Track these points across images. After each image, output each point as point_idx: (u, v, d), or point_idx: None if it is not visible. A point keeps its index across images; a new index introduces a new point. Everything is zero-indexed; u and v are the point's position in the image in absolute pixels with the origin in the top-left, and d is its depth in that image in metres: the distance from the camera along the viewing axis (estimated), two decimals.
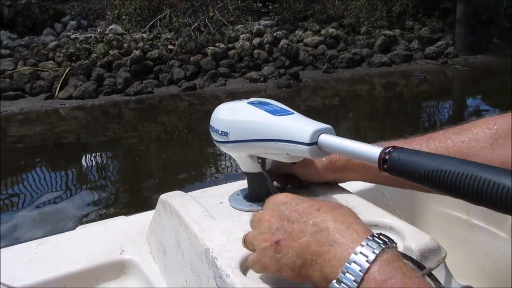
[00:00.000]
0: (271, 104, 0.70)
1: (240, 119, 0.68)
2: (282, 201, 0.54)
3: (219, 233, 0.64)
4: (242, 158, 0.72)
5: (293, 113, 0.65)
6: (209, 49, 9.31)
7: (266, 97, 7.90)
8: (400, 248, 0.63)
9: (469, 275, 1.02)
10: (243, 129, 0.67)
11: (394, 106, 7.39)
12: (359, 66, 9.84)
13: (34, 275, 0.82)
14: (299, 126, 0.61)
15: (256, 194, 0.75)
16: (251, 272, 0.57)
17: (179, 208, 0.73)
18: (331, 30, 10.18)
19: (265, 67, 9.29)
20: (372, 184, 0.93)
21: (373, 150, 0.50)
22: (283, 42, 9.60)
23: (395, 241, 0.66)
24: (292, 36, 10.12)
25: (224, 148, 0.73)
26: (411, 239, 0.63)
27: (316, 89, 8.53)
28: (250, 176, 0.75)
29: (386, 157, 0.48)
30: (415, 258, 0.61)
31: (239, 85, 8.82)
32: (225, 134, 0.69)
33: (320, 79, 9.09)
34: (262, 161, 0.70)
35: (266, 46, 9.58)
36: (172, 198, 0.78)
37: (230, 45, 9.63)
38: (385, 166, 0.48)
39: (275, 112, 0.65)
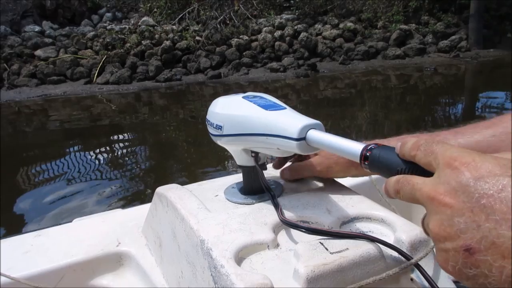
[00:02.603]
0: (265, 99, 0.67)
1: (233, 113, 0.65)
2: (477, 172, 0.32)
3: (214, 225, 0.62)
4: (237, 152, 0.70)
5: (285, 108, 0.63)
6: (234, 41, 9.28)
7: (285, 86, 7.93)
8: (391, 239, 0.60)
9: None
10: (236, 123, 0.64)
11: (404, 96, 7.23)
12: (374, 58, 9.64)
13: (31, 267, 0.78)
14: (288, 121, 0.58)
15: (251, 187, 0.72)
16: (245, 263, 0.55)
17: (175, 201, 0.71)
18: (349, 24, 9.98)
19: (285, 58, 9.19)
20: (367, 179, 0.89)
21: (356, 147, 0.48)
22: (303, 35, 9.47)
23: (385, 233, 0.63)
24: (312, 29, 9.97)
25: (219, 142, 0.70)
26: (402, 231, 0.60)
27: (331, 79, 8.42)
28: (244, 170, 0.72)
29: (367, 154, 0.47)
30: (406, 249, 0.58)
31: (261, 74, 8.76)
32: (219, 127, 0.66)
33: (336, 70, 8.95)
34: (255, 155, 0.67)
35: (287, 38, 9.48)
36: (169, 191, 0.75)
37: (253, 37, 9.57)
38: (365, 163, 0.47)
39: (267, 106, 0.63)
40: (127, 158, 4.63)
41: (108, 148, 5.03)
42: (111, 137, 5.46)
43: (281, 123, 0.58)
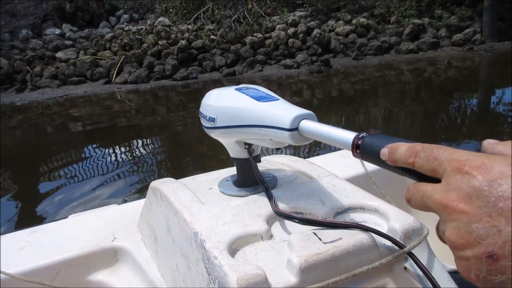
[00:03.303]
0: (257, 90, 0.65)
1: (226, 105, 0.64)
2: (489, 175, 0.31)
3: (208, 217, 0.61)
4: (230, 144, 0.69)
5: (277, 99, 0.61)
6: (248, 39, 9.24)
7: (298, 82, 7.86)
8: (385, 229, 0.59)
9: None
10: (229, 115, 0.63)
11: (418, 90, 7.10)
12: (387, 53, 9.49)
13: (26, 263, 0.77)
14: (281, 112, 0.57)
15: (245, 180, 0.71)
16: (239, 254, 0.55)
17: (169, 194, 0.70)
18: (362, 19, 9.85)
19: (299, 55, 9.12)
20: (363, 172, 0.88)
21: (348, 136, 0.47)
22: (316, 31, 9.38)
23: (379, 222, 0.62)
24: (325, 26, 9.87)
25: (212, 134, 0.69)
26: (395, 220, 0.59)
27: (345, 74, 8.34)
28: (238, 162, 0.71)
29: (359, 142, 0.45)
30: (399, 238, 0.57)
31: (275, 71, 8.73)
32: (212, 120, 0.65)
33: (349, 65, 8.85)
34: (248, 146, 0.67)
35: (300, 35, 9.40)
36: (163, 185, 0.74)
37: (267, 35, 9.52)
38: (357, 151, 0.46)
39: (260, 98, 0.61)
40: (145, 154, 4.67)
41: (126, 144, 5.09)
42: (130, 134, 5.52)
43: (274, 114, 0.57)
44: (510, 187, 0.30)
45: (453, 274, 0.62)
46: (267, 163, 0.81)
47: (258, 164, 0.68)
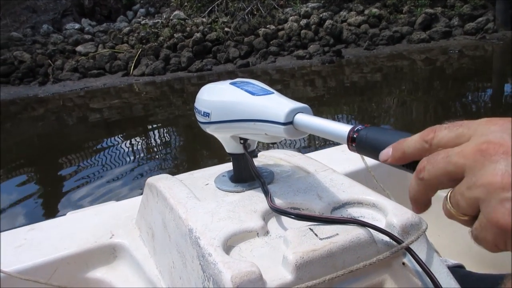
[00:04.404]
0: (252, 84, 0.63)
1: (220, 99, 0.62)
2: None
3: (203, 214, 0.59)
4: (226, 139, 0.66)
5: (272, 93, 0.59)
6: (261, 31, 9.16)
7: (310, 72, 7.77)
8: (383, 224, 0.57)
9: (460, 254, 0.92)
10: (223, 109, 0.61)
11: (430, 79, 6.96)
12: (399, 43, 9.30)
13: (24, 261, 0.75)
14: (275, 106, 0.54)
15: (241, 175, 0.69)
16: (234, 251, 0.53)
17: (165, 190, 0.68)
18: (374, 10, 9.66)
19: (311, 46, 9.01)
20: (363, 167, 0.84)
21: (343, 129, 0.45)
22: (328, 22, 9.24)
23: (377, 217, 0.60)
24: (337, 16, 9.72)
25: (208, 130, 0.66)
26: (393, 215, 0.57)
27: (356, 64, 8.22)
28: (234, 157, 0.69)
29: (355, 136, 0.43)
30: (397, 233, 0.55)
31: (287, 62, 8.65)
32: (207, 115, 0.63)
33: (361, 55, 8.71)
34: (244, 141, 0.64)
35: (313, 26, 9.27)
36: (159, 181, 0.72)
37: (280, 27, 9.42)
38: (353, 145, 0.43)
39: (254, 92, 0.59)
40: (161, 145, 4.69)
41: (144, 135, 5.12)
42: (148, 124, 5.55)
43: (268, 108, 0.55)
44: None
45: (452, 269, 0.59)
46: (264, 158, 0.78)
47: (256, 159, 0.66)
